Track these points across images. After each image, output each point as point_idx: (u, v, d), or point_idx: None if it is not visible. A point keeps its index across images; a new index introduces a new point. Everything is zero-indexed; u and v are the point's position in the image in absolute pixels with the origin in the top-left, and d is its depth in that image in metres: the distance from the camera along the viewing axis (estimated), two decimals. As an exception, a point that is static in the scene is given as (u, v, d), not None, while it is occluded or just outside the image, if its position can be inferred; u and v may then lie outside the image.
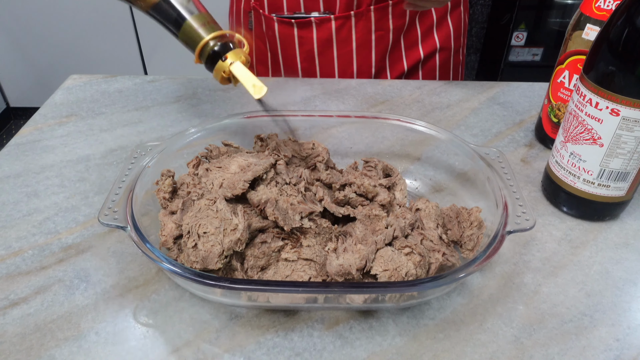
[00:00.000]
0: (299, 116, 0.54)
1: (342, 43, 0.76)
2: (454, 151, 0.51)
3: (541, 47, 2.10)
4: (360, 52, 0.77)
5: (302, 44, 0.76)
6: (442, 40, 0.81)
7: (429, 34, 0.80)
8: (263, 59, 0.83)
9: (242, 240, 0.39)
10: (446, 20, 0.80)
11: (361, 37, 0.76)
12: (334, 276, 0.38)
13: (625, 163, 0.45)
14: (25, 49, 2.12)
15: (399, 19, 0.76)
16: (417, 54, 0.80)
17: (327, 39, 0.76)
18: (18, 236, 0.49)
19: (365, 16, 0.74)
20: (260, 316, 0.41)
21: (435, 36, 0.80)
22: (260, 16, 0.78)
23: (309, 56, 0.78)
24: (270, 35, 0.78)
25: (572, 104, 0.48)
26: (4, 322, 0.40)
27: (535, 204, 0.53)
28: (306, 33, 0.75)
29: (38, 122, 0.67)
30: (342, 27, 0.74)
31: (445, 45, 0.81)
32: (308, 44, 0.76)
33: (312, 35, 0.75)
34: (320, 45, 0.76)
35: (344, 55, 0.77)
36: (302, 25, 0.75)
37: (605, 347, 0.39)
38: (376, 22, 0.74)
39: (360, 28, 0.75)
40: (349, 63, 0.78)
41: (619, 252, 0.47)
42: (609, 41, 0.42)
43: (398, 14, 0.75)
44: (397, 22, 0.76)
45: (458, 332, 0.40)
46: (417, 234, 0.43)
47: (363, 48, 0.77)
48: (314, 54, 0.77)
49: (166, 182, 0.46)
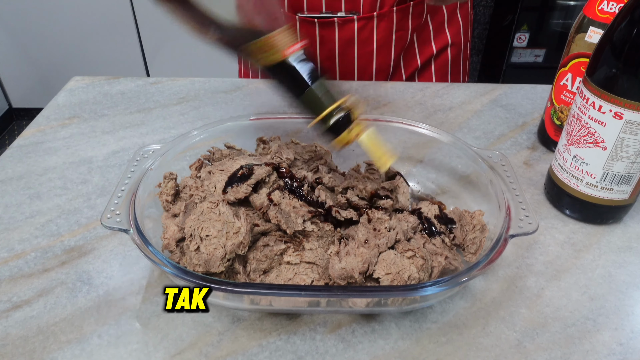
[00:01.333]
0: (301, 118, 0.54)
1: (363, 43, 0.77)
2: (456, 154, 0.51)
3: (543, 49, 2.10)
4: (380, 52, 0.78)
5: (323, 43, 0.77)
6: (452, 35, 0.83)
7: (440, 30, 0.81)
8: None
9: (245, 243, 0.39)
10: (456, 16, 0.83)
11: (382, 38, 0.76)
12: (337, 279, 0.38)
13: (628, 166, 0.45)
14: (28, 50, 2.12)
15: (418, 19, 0.77)
16: (429, 49, 0.82)
17: (349, 39, 0.76)
18: (21, 238, 0.49)
19: (387, 17, 0.74)
20: (263, 319, 0.41)
21: (447, 31, 0.82)
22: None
23: (330, 55, 0.78)
24: None
25: (575, 107, 0.47)
26: (6, 325, 0.40)
27: (538, 207, 0.53)
28: (328, 32, 0.76)
29: (41, 124, 0.67)
30: (364, 27, 0.75)
31: (456, 40, 0.84)
32: (329, 43, 0.77)
33: (334, 34, 0.76)
34: (342, 45, 0.77)
35: (365, 55, 0.78)
36: (324, 25, 0.75)
37: (609, 351, 0.39)
38: (397, 22, 0.75)
39: (382, 28, 0.75)
40: (369, 63, 0.79)
41: (622, 256, 0.47)
42: (612, 44, 0.42)
43: (417, 13, 0.76)
44: (416, 21, 0.77)
45: (461, 336, 0.40)
46: (419, 237, 0.43)
47: (383, 48, 0.78)
48: (334, 53, 0.78)
49: (169, 185, 0.46)
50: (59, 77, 2.12)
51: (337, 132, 0.41)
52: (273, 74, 0.41)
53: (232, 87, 0.75)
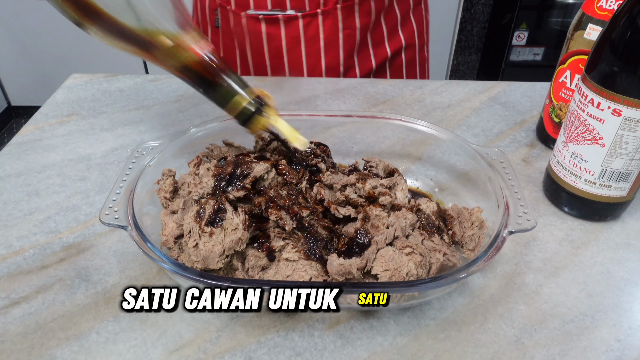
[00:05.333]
0: (300, 115, 0.54)
1: (310, 41, 0.77)
2: (455, 151, 0.51)
3: (542, 47, 2.11)
4: (328, 50, 0.78)
5: (270, 41, 0.77)
6: (407, 38, 0.84)
7: (394, 32, 0.82)
8: (231, 57, 0.84)
9: (243, 239, 0.39)
10: (409, 18, 0.83)
11: (329, 36, 0.76)
12: (335, 276, 0.38)
13: (626, 163, 0.45)
14: (27, 47, 2.12)
15: (365, 17, 0.77)
16: (384, 51, 0.82)
17: (295, 37, 0.76)
18: (19, 235, 0.49)
19: (332, 14, 0.74)
20: (261, 316, 0.41)
21: (400, 34, 0.83)
22: (227, 13, 0.78)
23: (277, 53, 0.78)
24: (239, 32, 0.79)
25: (573, 104, 0.47)
26: (5, 321, 0.40)
27: (536, 204, 0.53)
28: (274, 30, 0.76)
29: (39, 121, 0.67)
30: (309, 24, 0.75)
31: (410, 43, 0.84)
32: (276, 41, 0.77)
33: (280, 32, 0.76)
34: (289, 42, 0.77)
35: (312, 53, 0.78)
36: (270, 22, 0.75)
37: (607, 347, 0.39)
38: (343, 20, 0.75)
39: (327, 26, 0.75)
40: (317, 61, 0.79)
41: (620, 253, 0.47)
42: (611, 41, 0.42)
43: (364, 12, 0.76)
44: (363, 20, 0.77)
45: (459, 332, 0.40)
46: (418, 234, 0.43)
47: (331, 46, 0.78)
48: (282, 51, 0.78)
49: (167, 182, 0.46)
50: (58, 74, 2.11)
51: (251, 115, 0.44)
52: (186, 74, 0.44)
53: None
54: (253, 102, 0.44)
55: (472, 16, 2.32)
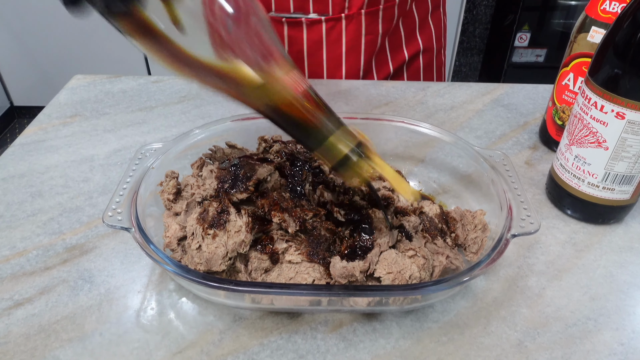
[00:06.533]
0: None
1: (332, 45, 0.76)
2: (458, 153, 0.51)
3: (545, 48, 2.10)
4: (349, 55, 0.77)
5: (292, 44, 0.76)
6: (424, 42, 0.83)
7: (412, 36, 0.82)
8: None
9: (246, 242, 0.39)
10: (427, 22, 0.83)
11: (351, 40, 0.76)
12: (338, 278, 0.38)
13: (630, 166, 0.45)
14: (29, 48, 2.12)
15: (388, 23, 0.76)
16: (402, 55, 0.82)
17: (317, 40, 0.76)
18: (22, 236, 0.49)
19: (355, 19, 0.74)
20: (264, 318, 0.41)
21: (419, 38, 0.82)
22: None
23: (299, 57, 0.78)
24: None
25: (577, 107, 0.47)
26: (8, 323, 0.40)
27: (539, 207, 0.53)
28: (296, 33, 0.75)
29: (42, 122, 0.67)
30: (332, 29, 0.75)
31: (428, 47, 0.84)
32: (298, 44, 0.76)
33: (302, 35, 0.75)
34: (311, 46, 0.76)
35: (334, 57, 0.78)
36: (292, 25, 0.75)
37: (610, 351, 0.39)
38: (366, 25, 0.75)
39: (350, 31, 0.75)
40: (338, 65, 0.78)
41: (623, 256, 0.47)
42: (615, 44, 0.42)
43: (388, 18, 0.76)
44: (386, 25, 0.76)
45: (462, 336, 0.40)
46: (421, 237, 0.43)
47: (353, 51, 0.77)
48: (303, 54, 0.77)
49: (170, 184, 0.46)
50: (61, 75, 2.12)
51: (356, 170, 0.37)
52: (279, 116, 0.36)
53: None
54: (355, 149, 0.37)
55: (474, 17, 2.32)
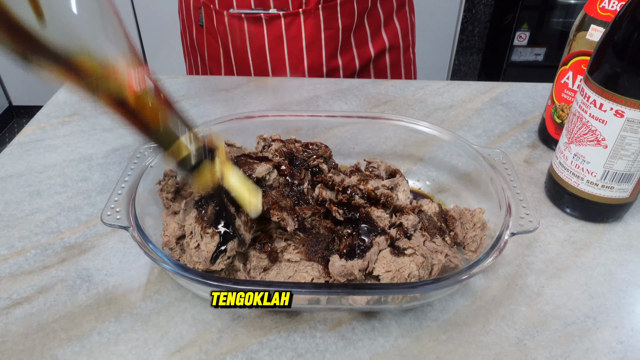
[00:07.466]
0: (302, 116, 0.54)
1: (292, 40, 0.77)
2: (457, 152, 0.51)
3: (544, 47, 2.10)
4: (310, 50, 0.78)
5: (253, 40, 0.77)
6: (390, 39, 0.83)
7: (377, 33, 0.82)
8: (215, 56, 0.84)
9: (245, 240, 0.39)
10: (392, 20, 0.83)
11: (311, 35, 0.76)
12: (337, 277, 0.38)
13: (629, 165, 0.45)
14: (28, 47, 2.12)
15: (347, 18, 0.77)
16: (367, 52, 0.82)
17: (277, 36, 0.76)
18: (21, 236, 0.49)
19: (314, 14, 0.75)
20: (263, 317, 0.41)
21: (384, 35, 0.83)
22: (211, 12, 0.78)
23: (260, 52, 0.78)
24: (222, 31, 0.79)
25: (576, 105, 0.47)
26: (7, 322, 0.40)
27: (538, 206, 0.53)
28: (256, 29, 0.76)
29: (41, 121, 0.67)
30: (291, 24, 0.75)
31: (394, 44, 0.84)
32: (259, 40, 0.77)
33: (263, 31, 0.76)
34: (271, 41, 0.77)
35: (295, 53, 0.78)
36: (252, 21, 0.75)
37: (609, 349, 0.39)
38: (325, 20, 0.75)
39: (309, 26, 0.75)
40: (300, 60, 0.79)
41: (622, 254, 0.47)
42: (614, 42, 0.42)
43: (347, 13, 0.76)
44: (345, 21, 0.77)
45: (461, 334, 0.40)
46: (420, 235, 0.42)
47: (313, 46, 0.78)
48: (265, 50, 0.78)
49: (169, 182, 0.46)
50: (59, 74, 2.12)
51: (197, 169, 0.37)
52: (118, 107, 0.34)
53: (232, 85, 0.75)
54: (199, 150, 0.37)
55: (473, 16, 2.32)
